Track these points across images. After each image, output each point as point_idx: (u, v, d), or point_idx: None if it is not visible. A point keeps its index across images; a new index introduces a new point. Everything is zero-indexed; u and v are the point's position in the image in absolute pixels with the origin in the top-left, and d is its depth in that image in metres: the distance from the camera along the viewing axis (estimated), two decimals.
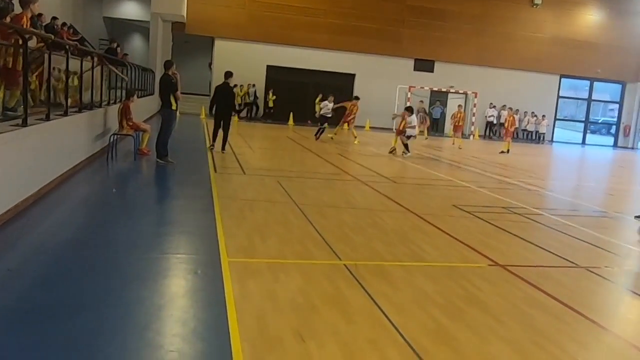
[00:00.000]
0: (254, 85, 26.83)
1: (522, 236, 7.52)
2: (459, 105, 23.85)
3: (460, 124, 22.15)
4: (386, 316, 4.42)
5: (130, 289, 4.64)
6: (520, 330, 4.41)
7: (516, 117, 29.31)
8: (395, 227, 7.61)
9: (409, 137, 16.51)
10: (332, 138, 19.08)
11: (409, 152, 16.26)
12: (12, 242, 5.66)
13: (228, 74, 13.54)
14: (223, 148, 13.35)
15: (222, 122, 13.33)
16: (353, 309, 4.53)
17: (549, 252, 6.89)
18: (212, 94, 14.05)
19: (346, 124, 19.69)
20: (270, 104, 27.12)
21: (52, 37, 8.57)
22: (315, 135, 19.12)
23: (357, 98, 19.90)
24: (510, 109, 22.08)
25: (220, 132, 13.32)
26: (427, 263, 6.02)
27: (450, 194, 10.74)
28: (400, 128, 16.90)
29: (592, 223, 8.96)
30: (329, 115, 19.46)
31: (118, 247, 5.84)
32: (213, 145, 13.45)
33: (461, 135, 22.53)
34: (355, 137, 19.37)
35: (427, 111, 26.81)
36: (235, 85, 13.66)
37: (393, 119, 20.60)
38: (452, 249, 6.71)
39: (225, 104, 13.39)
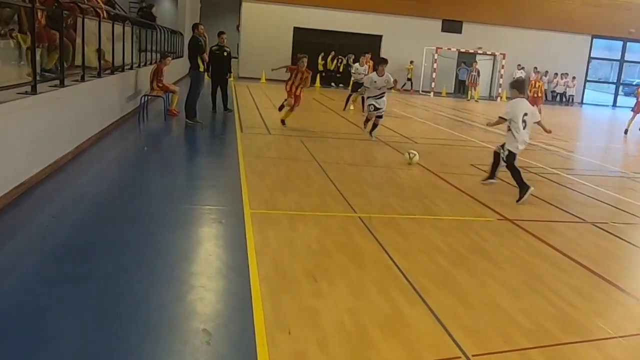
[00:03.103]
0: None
1: (534, 194, 7.75)
2: (537, 72, 21.14)
3: (539, 95, 18.81)
4: (393, 261, 4.80)
5: (161, 233, 5.12)
6: (518, 276, 4.76)
7: (545, 79, 29.07)
8: (411, 183, 7.94)
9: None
10: (352, 108, 16.97)
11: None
12: (54, 193, 6.17)
13: (219, 34, 13.27)
14: (225, 107, 13.47)
15: (219, 85, 13.38)
16: (363, 255, 4.92)
17: (558, 208, 7.16)
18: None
19: None
20: (329, 66, 27.10)
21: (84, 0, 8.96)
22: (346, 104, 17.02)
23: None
24: (539, 72, 20.70)
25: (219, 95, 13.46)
26: (438, 217, 6.36)
27: (469, 154, 10.96)
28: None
29: (608, 182, 9.14)
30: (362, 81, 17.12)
31: (150, 198, 6.34)
32: (215, 110, 13.42)
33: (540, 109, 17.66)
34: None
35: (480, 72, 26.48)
36: (218, 47, 12.95)
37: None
38: (464, 204, 7.03)
39: (219, 66, 13.10)
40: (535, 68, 26.17)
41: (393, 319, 3.77)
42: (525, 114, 7.32)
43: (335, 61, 27.10)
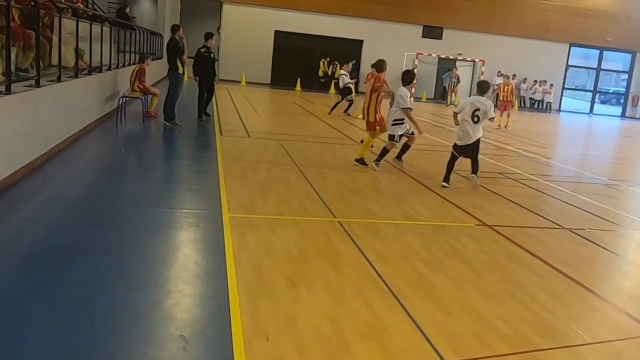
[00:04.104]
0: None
1: (512, 200, 7.83)
2: (506, 76, 20.75)
3: (509, 98, 18.37)
4: (373, 267, 4.78)
5: (138, 237, 5.04)
6: (496, 282, 4.78)
7: (513, 84, 29.34)
8: (391, 188, 7.95)
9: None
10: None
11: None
12: (28, 195, 6.04)
13: (207, 36, 12.43)
14: (205, 112, 12.71)
15: (206, 88, 12.57)
16: (343, 260, 4.90)
17: (537, 214, 7.22)
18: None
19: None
20: (321, 73, 27.29)
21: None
22: (332, 109, 16.68)
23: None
24: (507, 76, 20.56)
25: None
26: (417, 222, 6.37)
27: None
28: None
29: (585, 189, 9.24)
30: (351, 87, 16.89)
31: (127, 201, 6.25)
32: (202, 118, 12.45)
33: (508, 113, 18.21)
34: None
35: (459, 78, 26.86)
36: (205, 49, 12.10)
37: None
38: (444, 209, 7.05)
39: (207, 68, 12.43)
40: (515, 75, 26.47)
41: (372, 325, 3.75)
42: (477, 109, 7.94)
43: (330, 67, 27.24)
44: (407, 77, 8.91)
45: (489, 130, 16.77)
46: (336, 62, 26.88)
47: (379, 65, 9.39)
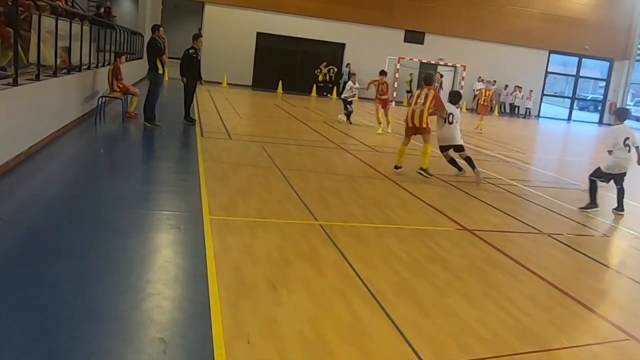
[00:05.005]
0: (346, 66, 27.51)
1: (492, 204, 7.90)
2: (488, 81, 20.45)
3: (487, 103, 18.54)
4: (354, 270, 4.78)
5: (116, 239, 4.97)
6: (476, 285, 4.81)
7: (504, 91, 29.70)
8: (372, 192, 7.96)
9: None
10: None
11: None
12: (3, 195, 5.93)
13: (194, 37, 12.31)
14: (190, 115, 12.46)
15: (193, 91, 12.35)
16: (324, 264, 4.89)
17: (516, 219, 7.29)
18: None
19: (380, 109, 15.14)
20: (321, 78, 27.55)
21: None
22: (348, 119, 16.17)
23: (383, 73, 15.37)
24: (489, 81, 20.64)
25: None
26: (398, 225, 6.39)
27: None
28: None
29: (563, 195, 9.36)
30: (352, 99, 16.31)
31: (105, 202, 6.16)
32: (188, 120, 12.28)
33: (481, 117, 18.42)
34: (381, 125, 14.98)
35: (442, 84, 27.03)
36: (194, 50, 11.89)
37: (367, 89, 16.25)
38: (424, 213, 7.09)
39: (195, 70, 12.13)
40: (495, 81, 26.75)
41: (353, 328, 3.75)
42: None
43: (329, 71, 27.39)
44: (455, 97, 9.90)
45: (469, 135, 16.93)
46: (334, 68, 27.26)
47: (430, 78, 9.97)
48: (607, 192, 8.70)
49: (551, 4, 29.46)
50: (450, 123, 9.35)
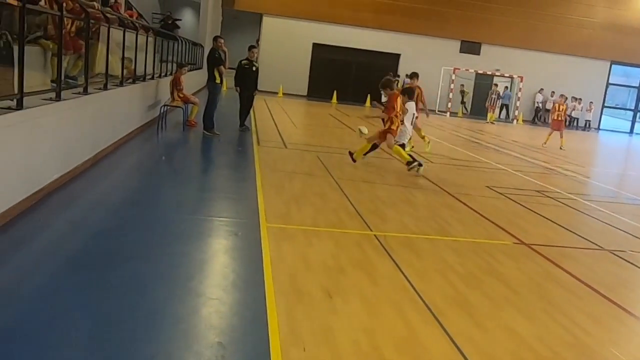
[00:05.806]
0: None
1: (551, 218, 7.72)
2: (561, 95, 19.12)
3: (561, 118, 17.78)
4: (409, 281, 4.78)
5: (177, 244, 5.14)
6: (533, 301, 4.72)
7: (567, 104, 28.83)
8: (426, 203, 7.92)
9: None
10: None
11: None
12: (72, 200, 6.23)
13: (249, 48, 12.50)
14: (243, 124, 12.66)
15: (248, 101, 12.61)
16: (379, 274, 4.91)
17: (575, 234, 7.11)
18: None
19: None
20: None
21: (111, 10, 9.11)
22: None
23: (414, 75, 13.26)
24: (562, 95, 19.12)
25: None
26: (453, 238, 6.34)
27: (485, 175, 10.93)
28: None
29: (625, 210, 9.06)
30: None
31: (167, 207, 6.38)
32: (242, 129, 12.56)
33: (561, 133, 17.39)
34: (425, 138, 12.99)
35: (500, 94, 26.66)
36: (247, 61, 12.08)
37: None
38: (479, 226, 7.00)
39: (248, 81, 12.37)
40: (553, 92, 26.07)
41: (408, 340, 3.75)
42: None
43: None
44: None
45: (526, 148, 16.60)
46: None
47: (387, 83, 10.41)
48: None
49: (613, 13, 28.53)
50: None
